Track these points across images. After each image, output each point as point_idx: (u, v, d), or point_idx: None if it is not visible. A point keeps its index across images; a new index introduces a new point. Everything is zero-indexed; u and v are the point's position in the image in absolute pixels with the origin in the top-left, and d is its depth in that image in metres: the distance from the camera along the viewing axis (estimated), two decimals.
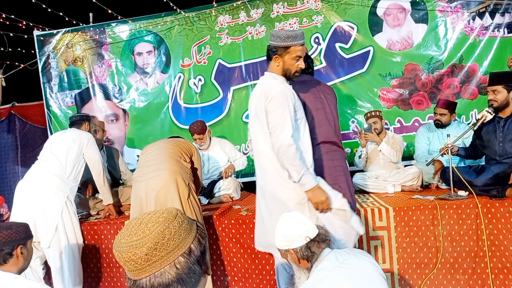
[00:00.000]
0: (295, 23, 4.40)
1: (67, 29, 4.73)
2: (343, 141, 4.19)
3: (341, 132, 4.23)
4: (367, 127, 3.48)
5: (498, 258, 2.49)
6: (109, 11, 4.33)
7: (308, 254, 1.64)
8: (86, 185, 3.30)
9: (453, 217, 2.56)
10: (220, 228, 2.78)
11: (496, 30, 4.08)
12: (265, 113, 2.04)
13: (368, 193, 3.37)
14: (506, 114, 2.78)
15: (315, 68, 4.35)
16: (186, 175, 2.51)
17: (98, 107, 4.74)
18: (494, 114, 2.72)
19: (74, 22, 4.65)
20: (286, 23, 4.42)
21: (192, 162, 2.69)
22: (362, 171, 3.68)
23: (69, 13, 4.56)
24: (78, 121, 3.24)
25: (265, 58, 4.81)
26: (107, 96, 4.74)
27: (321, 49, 4.39)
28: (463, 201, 2.59)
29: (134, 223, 0.86)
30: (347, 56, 4.36)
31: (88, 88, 4.76)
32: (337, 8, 4.34)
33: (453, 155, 2.87)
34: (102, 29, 4.70)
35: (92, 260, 2.97)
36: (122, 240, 0.83)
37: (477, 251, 2.52)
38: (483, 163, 2.98)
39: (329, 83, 4.34)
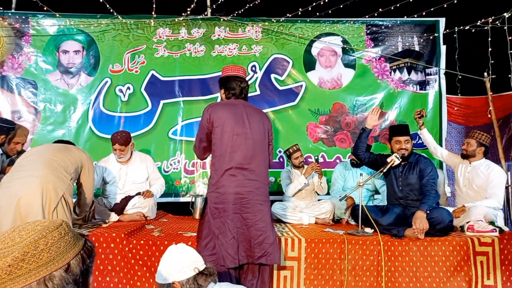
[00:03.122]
0: (234, 48, 4.47)
1: None
2: (270, 170, 4.34)
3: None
4: (317, 158, 3.60)
5: None
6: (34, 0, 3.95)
7: (195, 287, 1.58)
8: None
9: (358, 253, 2.70)
10: (127, 249, 2.57)
11: (410, 85, 4.58)
12: None
13: (285, 223, 3.42)
14: (406, 160, 3.08)
15: (249, 95, 4.46)
16: (61, 186, 2.26)
17: (4, 101, 4.20)
18: (401, 159, 2.99)
19: None
20: (226, 47, 4.47)
21: (78, 176, 2.47)
22: (281, 200, 3.75)
23: None
24: None
25: (201, 76, 4.76)
26: (18, 91, 4.25)
27: (256, 78, 4.50)
28: (368, 237, 2.76)
29: (6, 232, 0.74)
30: (280, 88, 4.52)
31: None
32: (276, 41, 4.52)
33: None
34: (25, 18, 4.27)
35: None
36: None
37: (376, 286, 2.67)
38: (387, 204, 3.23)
39: None
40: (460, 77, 4.54)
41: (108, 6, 4.07)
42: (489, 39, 4.29)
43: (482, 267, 2.70)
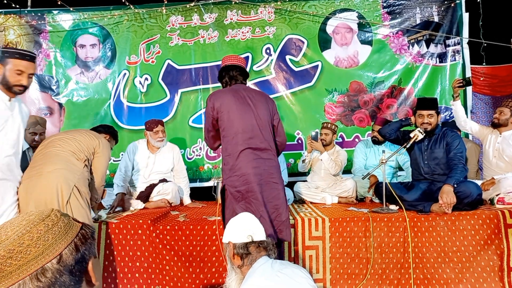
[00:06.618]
0: (248, 31, 4.43)
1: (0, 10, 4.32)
2: (288, 152, 4.34)
3: (287, 143, 4.38)
4: (314, 135, 3.49)
5: (420, 269, 2.64)
6: None
7: (244, 252, 1.65)
8: None
9: (384, 230, 2.67)
10: (154, 234, 2.64)
11: (430, 58, 4.42)
12: None
13: (307, 203, 3.42)
14: (429, 135, 2.98)
15: (264, 78, 4.43)
16: (72, 177, 2.25)
17: (30, 99, 4.34)
18: (424, 134, 2.90)
19: (5, 2, 4.22)
20: (239, 30, 4.42)
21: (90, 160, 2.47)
22: (305, 180, 3.74)
23: None
24: None
25: (217, 63, 4.73)
26: (42, 88, 4.38)
27: (272, 60, 4.44)
28: (393, 214, 2.72)
29: None
30: (296, 69, 4.46)
31: None
32: (289, 21, 4.44)
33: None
34: (41, 15, 4.36)
35: None
36: None
37: (403, 262, 2.65)
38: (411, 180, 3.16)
39: (277, 94, 4.42)
40: (485, 45, 4.34)
41: None
42: None
43: None
